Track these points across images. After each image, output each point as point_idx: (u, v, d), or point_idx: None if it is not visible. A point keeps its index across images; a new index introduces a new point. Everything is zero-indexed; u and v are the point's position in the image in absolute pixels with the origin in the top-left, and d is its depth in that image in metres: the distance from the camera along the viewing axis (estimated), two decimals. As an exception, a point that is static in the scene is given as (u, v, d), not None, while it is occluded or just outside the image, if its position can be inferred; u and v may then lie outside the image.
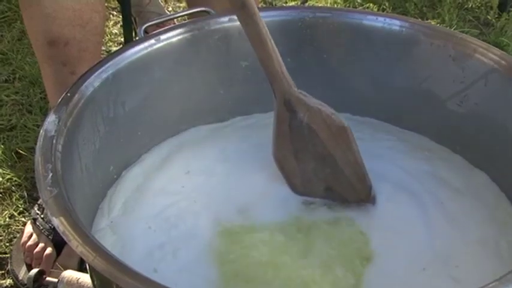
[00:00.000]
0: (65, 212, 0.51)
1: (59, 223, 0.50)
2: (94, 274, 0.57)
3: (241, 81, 0.79)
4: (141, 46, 0.71)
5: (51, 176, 0.54)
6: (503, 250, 0.66)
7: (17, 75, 1.40)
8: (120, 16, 1.46)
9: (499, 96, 0.68)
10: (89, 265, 0.57)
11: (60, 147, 0.58)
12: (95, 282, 0.59)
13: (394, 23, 0.73)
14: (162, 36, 0.72)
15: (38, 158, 0.56)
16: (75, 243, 0.48)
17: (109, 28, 1.56)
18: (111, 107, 0.69)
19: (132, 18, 1.43)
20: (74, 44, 0.95)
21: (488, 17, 1.51)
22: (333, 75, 0.79)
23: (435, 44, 0.72)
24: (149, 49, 0.71)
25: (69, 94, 0.64)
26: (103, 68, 0.68)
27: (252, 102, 0.81)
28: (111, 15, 1.61)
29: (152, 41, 0.72)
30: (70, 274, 0.89)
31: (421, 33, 0.72)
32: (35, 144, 1.19)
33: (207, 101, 0.79)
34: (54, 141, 0.58)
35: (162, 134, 0.78)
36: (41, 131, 0.59)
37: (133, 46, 0.71)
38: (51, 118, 0.60)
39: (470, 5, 1.53)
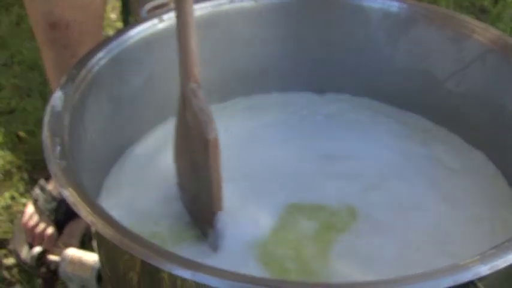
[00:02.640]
0: (74, 183, 0.52)
1: (69, 194, 0.51)
2: (102, 246, 0.58)
3: (242, 62, 0.80)
4: (144, 26, 0.72)
5: (60, 149, 0.55)
6: (497, 228, 0.67)
7: (16, 60, 1.40)
8: (119, 1, 1.46)
9: (497, 75, 0.70)
10: (97, 237, 0.59)
11: (67, 122, 0.59)
12: (102, 256, 0.60)
13: (392, 4, 0.74)
14: (165, 16, 0.73)
15: (45, 132, 0.57)
16: (84, 212, 0.49)
17: (107, 13, 1.56)
18: (115, 86, 0.71)
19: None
20: (75, 26, 0.95)
21: (485, 3, 1.52)
22: (332, 56, 0.80)
23: (433, 24, 0.73)
24: (152, 29, 0.72)
25: (75, 71, 0.65)
26: (108, 46, 0.69)
27: (252, 83, 0.82)
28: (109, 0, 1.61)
29: (155, 20, 0.73)
30: (73, 252, 0.90)
31: (419, 14, 0.73)
32: (35, 127, 1.21)
33: (208, 81, 0.80)
34: (61, 116, 0.59)
35: (165, 113, 0.78)
36: (48, 107, 0.60)
37: (136, 26, 0.72)
38: (58, 94, 0.61)
39: (466, -8, 1.55)
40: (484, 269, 0.44)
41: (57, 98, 0.61)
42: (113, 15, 1.57)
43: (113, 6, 1.60)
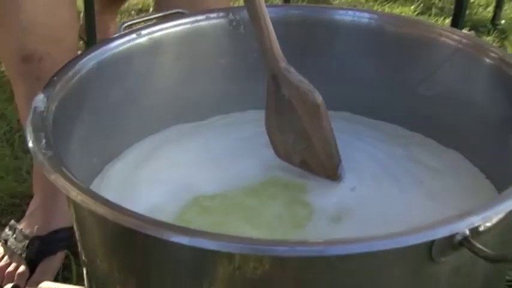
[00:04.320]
0: (61, 168, 0.51)
1: (56, 178, 0.50)
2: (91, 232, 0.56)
3: (221, 79, 0.82)
4: (123, 40, 0.73)
5: (45, 142, 0.54)
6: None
7: (-19, 110, 1.39)
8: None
9: (465, 74, 0.73)
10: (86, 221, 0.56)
11: (50, 122, 0.59)
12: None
13: (363, 16, 0.78)
14: (143, 31, 0.74)
15: (29, 127, 0.56)
16: (74, 192, 0.48)
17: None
18: (95, 98, 0.71)
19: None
20: (48, 60, 0.96)
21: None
22: (307, 71, 0.81)
23: (402, 32, 0.76)
24: (130, 43, 0.73)
25: (55, 78, 0.65)
26: (87, 57, 0.69)
27: (231, 101, 0.83)
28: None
29: (133, 35, 0.74)
30: (47, 285, 0.87)
31: (388, 23, 0.77)
32: (4, 172, 1.18)
33: (187, 99, 0.81)
34: (44, 116, 0.59)
35: (143, 131, 0.78)
36: (31, 108, 0.60)
37: (115, 40, 0.73)
38: (40, 97, 0.61)
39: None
40: (477, 219, 0.45)
41: (39, 100, 0.60)
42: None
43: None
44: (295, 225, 0.65)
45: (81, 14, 1.31)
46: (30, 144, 0.54)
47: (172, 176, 0.72)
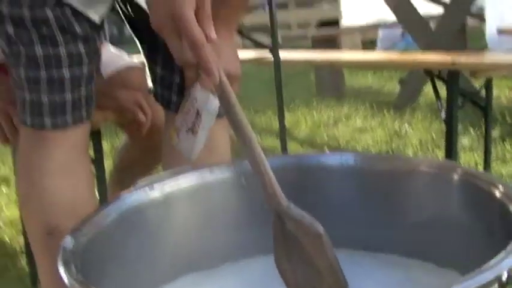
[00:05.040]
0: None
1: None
2: None
3: (228, 228, 0.89)
4: (138, 194, 0.82)
5: (75, 271, 0.61)
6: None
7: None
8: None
9: (443, 196, 0.81)
10: None
11: (78, 260, 0.66)
12: None
13: (349, 158, 0.88)
14: (156, 185, 0.84)
15: (60, 262, 0.63)
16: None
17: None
18: (115, 247, 0.78)
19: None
20: (70, 234, 1.04)
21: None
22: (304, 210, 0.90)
23: (384, 168, 0.86)
24: (144, 197, 0.82)
25: (81, 225, 0.73)
26: (108, 208, 0.78)
27: (240, 248, 0.89)
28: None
29: (146, 189, 0.83)
30: None
31: (372, 160, 0.87)
32: None
33: (198, 249, 0.88)
34: (74, 251, 0.65)
35: (158, 279, 0.84)
36: (60, 248, 0.67)
37: (131, 194, 0.81)
38: (68, 238, 0.69)
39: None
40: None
41: (68, 241, 0.68)
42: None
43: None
44: None
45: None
46: (63, 274, 0.60)
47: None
